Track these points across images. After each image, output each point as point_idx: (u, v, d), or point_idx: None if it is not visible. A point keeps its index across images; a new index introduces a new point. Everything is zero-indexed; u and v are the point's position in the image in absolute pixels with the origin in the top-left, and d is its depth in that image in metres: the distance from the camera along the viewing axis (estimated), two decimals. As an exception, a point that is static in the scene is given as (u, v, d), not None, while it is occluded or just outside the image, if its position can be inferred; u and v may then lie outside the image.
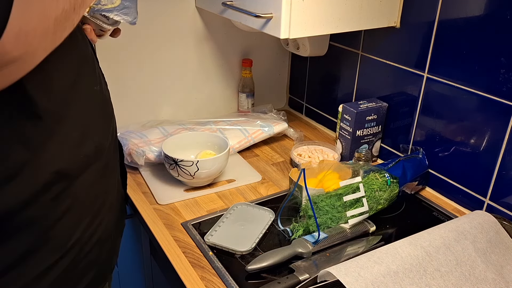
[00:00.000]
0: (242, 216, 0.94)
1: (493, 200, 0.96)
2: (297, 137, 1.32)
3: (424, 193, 1.09)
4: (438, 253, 0.74)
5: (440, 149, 1.05)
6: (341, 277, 0.67)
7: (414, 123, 1.10)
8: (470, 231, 0.80)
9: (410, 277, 0.70)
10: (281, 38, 0.93)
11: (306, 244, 0.85)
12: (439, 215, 1.00)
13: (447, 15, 0.97)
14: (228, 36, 1.35)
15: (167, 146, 1.06)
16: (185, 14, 1.25)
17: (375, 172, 0.96)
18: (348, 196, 0.90)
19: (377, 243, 0.89)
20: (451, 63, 0.98)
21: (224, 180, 1.11)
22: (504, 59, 0.88)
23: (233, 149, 1.21)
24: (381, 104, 1.15)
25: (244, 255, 0.85)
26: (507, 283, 0.76)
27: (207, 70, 1.35)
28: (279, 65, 1.50)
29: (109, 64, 1.19)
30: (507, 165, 0.92)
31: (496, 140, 0.93)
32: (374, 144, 1.19)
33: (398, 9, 1.06)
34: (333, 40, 1.31)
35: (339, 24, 0.99)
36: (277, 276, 0.80)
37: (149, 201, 1.02)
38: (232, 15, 1.08)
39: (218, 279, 0.80)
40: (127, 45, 1.20)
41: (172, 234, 0.91)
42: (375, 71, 1.19)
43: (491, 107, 0.92)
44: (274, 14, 0.92)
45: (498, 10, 0.87)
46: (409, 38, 1.06)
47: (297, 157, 1.17)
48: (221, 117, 1.35)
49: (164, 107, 1.32)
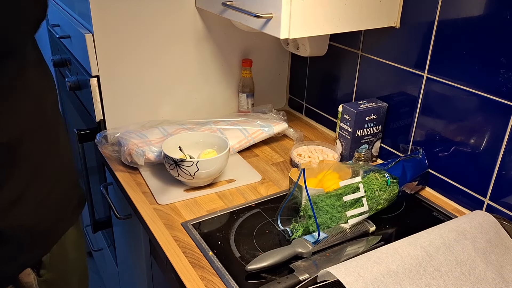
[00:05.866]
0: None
1: (493, 200, 0.96)
2: (297, 137, 1.32)
3: (424, 193, 1.09)
4: (438, 253, 0.74)
5: (440, 149, 1.05)
6: (341, 277, 0.67)
7: (414, 123, 1.10)
8: (470, 231, 0.80)
9: (410, 277, 0.70)
10: (281, 38, 0.93)
11: (306, 244, 0.85)
12: (439, 215, 1.00)
13: (447, 15, 0.97)
14: (228, 36, 1.35)
15: (167, 146, 1.06)
16: (185, 14, 1.25)
17: (375, 172, 0.96)
18: (348, 196, 0.90)
19: (377, 243, 0.89)
20: (451, 63, 0.98)
21: (224, 180, 1.11)
22: (504, 59, 0.88)
23: (233, 149, 1.21)
24: (381, 104, 1.15)
25: (244, 255, 0.85)
26: (507, 283, 0.76)
27: (207, 70, 1.35)
28: (279, 65, 1.50)
29: (109, 64, 1.19)
30: (507, 165, 0.92)
31: (496, 140, 0.93)
32: (374, 144, 1.19)
33: (398, 9, 1.07)
34: (333, 40, 1.31)
35: (339, 24, 0.99)
36: (277, 276, 0.80)
37: (149, 201, 1.02)
38: (232, 15, 1.08)
39: (218, 279, 0.80)
40: (127, 45, 1.20)
41: (172, 234, 0.91)
42: (375, 71, 1.19)
43: (491, 107, 0.92)
44: (274, 14, 0.93)
45: (498, 10, 0.87)
46: (409, 38, 1.06)
47: (297, 157, 1.17)
48: (221, 117, 1.35)
49: (164, 107, 1.32)
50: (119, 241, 1.38)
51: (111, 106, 1.24)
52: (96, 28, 1.14)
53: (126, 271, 1.40)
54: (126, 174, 1.12)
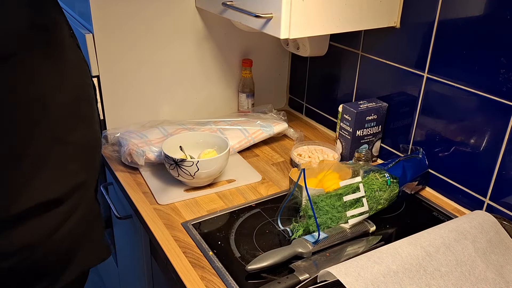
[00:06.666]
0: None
1: (493, 200, 0.96)
2: (297, 137, 1.32)
3: (424, 193, 1.09)
4: (438, 253, 0.74)
5: (440, 149, 1.05)
6: (341, 277, 0.67)
7: (414, 123, 1.10)
8: (470, 231, 0.80)
9: (410, 277, 0.70)
10: (281, 38, 0.93)
11: (306, 244, 0.85)
12: (439, 215, 1.00)
13: (447, 15, 0.97)
14: (228, 36, 1.35)
15: (167, 146, 1.06)
16: (185, 14, 1.25)
17: (375, 172, 0.96)
18: (348, 196, 0.90)
19: (377, 243, 0.89)
20: (451, 63, 0.98)
21: (224, 180, 1.11)
22: (504, 59, 0.88)
23: (233, 149, 1.21)
24: (381, 104, 1.15)
25: (244, 255, 0.85)
26: (507, 283, 0.76)
27: (207, 70, 1.35)
28: (279, 65, 1.50)
29: (109, 64, 1.19)
30: (507, 165, 0.92)
31: (496, 140, 0.93)
32: (374, 144, 1.19)
33: (398, 9, 1.07)
34: (333, 40, 1.31)
35: (339, 24, 0.99)
36: (277, 276, 0.80)
37: (149, 201, 1.02)
38: (232, 15, 1.08)
39: (218, 279, 0.80)
40: (127, 45, 1.20)
41: (172, 234, 0.91)
42: (375, 71, 1.19)
43: (491, 107, 0.92)
44: (274, 14, 0.93)
45: (498, 10, 0.87)
46: (409, 38, 1.06)
47: (297, 157, 1.17)
48: (221, 117, 1.35)
49: (164, 107, 1.32)
50: (119, 241, 1.38)
51: (111, 106, 1.24)
52: (96, 28, 1.14)
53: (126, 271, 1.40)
54: (126, 174, 1.12)
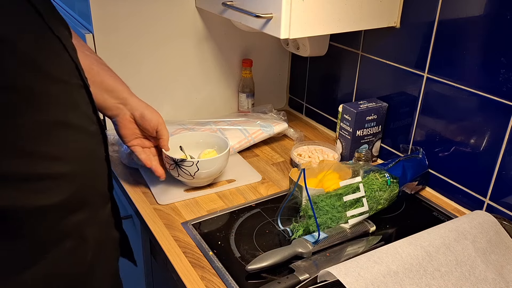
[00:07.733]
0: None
1: (493, 200, 0.96)
2: (297, 137, 1.32)
3: (424, 193, 1.09)
4: (438, 253, 0.74)
5: (440, 149, 1.05)
6: (341, 277, 0.67)
7: (414, 123, 1.10)
8: (470, 231, 0.80)
9: (410, 277, 0.70)
10: (281, 38, 0.93)
11: (306, 244, 0.85)
12: (439, 215, 1.00)
13: (447, 15, 0.97)
14: (228, 36, 1.35)
15: (167, 146, 1.06)
16: (185, 14, 1.25)
17: (375, 172, 0.96)
18: (348, 196, 0.90)
19: (377, 243, 0.89)
20: (451, 63, 0.98)
21: (224, 180, 1.11)
22: (504, 59, 0.88)
23: (233, 149, 1.21)
24: (381, 104, 1.15)
25: (244, 255, 0.85)
26: (507, 283, 0.76)
27: (207, 70, 1.35)
28: (279, 65, 1.50)
29: (109, 64, 1.19)
30: (507, 165, 0.92)
31: (496, 140, 0.93)
32: (374, 144, 1.19)
33: (398, 9, 1.07)
34: (333, 40, 1.31)
35: (339, 24, 0.99)
36: (277, 276, 0.80)
37: (149, 201, 1.02)
38: (232, 15, 1.08)
39: (218, 279, 0.80)
40: (127, 45, 1.20)
41: (172, 234, 0.91)
42: (375, 71, 1.19)
43: (491, 107, 0.92)
44: (274, 14, 0.93)
45: (498, 10, 0.87)
46: (409, 38, 1.06)
47: (297, 157, 1.17)
48: (221, 117, 1.35)
49: (164, 107, 1.32)
50: (119, 241, 1.38)
51: (111, 106, 1.23)
52: (96, 28, 1.14)
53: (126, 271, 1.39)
54: (126, 174, 1.12)
